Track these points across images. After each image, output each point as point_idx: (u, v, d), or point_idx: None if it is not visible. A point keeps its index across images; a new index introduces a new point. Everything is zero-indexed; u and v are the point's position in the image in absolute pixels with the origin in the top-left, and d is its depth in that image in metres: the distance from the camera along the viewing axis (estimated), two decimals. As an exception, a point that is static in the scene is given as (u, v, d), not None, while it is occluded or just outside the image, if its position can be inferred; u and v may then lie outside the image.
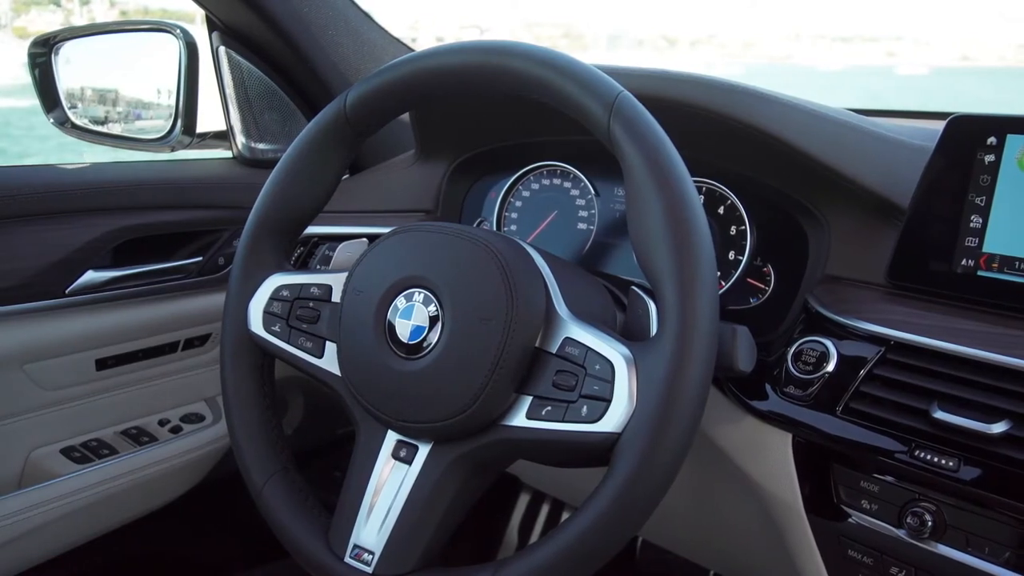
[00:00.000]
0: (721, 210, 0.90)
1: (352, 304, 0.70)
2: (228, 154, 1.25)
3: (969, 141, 0.73)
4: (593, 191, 1.00)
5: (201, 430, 1.21)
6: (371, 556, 0.67)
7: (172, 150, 1.15)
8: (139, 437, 1.15)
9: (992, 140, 0.72)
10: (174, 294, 1.13)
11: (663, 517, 1.04)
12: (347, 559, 0.68)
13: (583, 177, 1.00)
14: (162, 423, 1.18)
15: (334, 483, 0.73)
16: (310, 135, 0.78)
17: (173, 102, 1.14)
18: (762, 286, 0.88)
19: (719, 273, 0.89)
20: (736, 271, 0.88)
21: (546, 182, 1.04)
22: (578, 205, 1.01)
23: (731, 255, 0.89)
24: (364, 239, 0.96)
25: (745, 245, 0.88)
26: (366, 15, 1.28)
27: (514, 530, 1.58)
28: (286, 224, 0.80)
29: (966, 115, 0.74)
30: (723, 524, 0.96)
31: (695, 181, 0.90)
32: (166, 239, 1.13)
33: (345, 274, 0.72)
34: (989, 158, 0.72)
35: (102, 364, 1.09)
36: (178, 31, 1.12)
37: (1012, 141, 0.72)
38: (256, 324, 0.77)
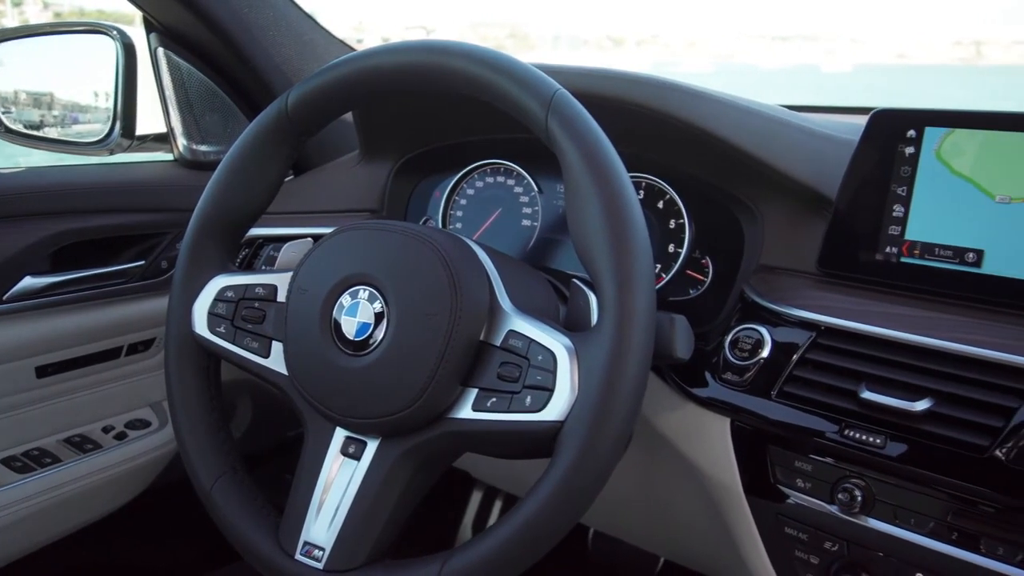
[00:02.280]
0: (660, 205, 0.93)
1: (297, 303, 0.70)
2: (169, 157, 1.24)
3: (890, 134, 0.77)
4: (536, 188, 1.01)
5: (147, 436, 1.19)
6: (322, 552, 0.67)
7: (111, 153, 1.14)
8: (83, 445, 1.13)
9: (911, 133, 0.76)
10: (116, 299, 1.12)
11: (613, 506, 1.06)
12: (298, 556, 0.68)
13: (526, 175, 1.02)
14: (106, 430, 1.16)
15: (284, 486, 0.73)
16: (252, 135, 0.78)
17: (111, 105, 1.12)
18: (701, 277, 0.90)
19: (660, 266, 0.92)
20: (676, 263, 0.91)
21: (490, 180, 1.05)
22: (522, 202, 1.03)
23: (671, 248, 0.92)
24: (309, 239, 0.97)
25: (684, 238, 0.91)
26: (308, 16, 1.28)
27: (467, 528, 1.59)
28: (229, 225, 0.80)
29: (887, 109, 0.78)
30: (669, 510, 0.99)
31: (635, 177, 0.93)
32: (106, 243, 1.11)
33: (290, 273, 0.73)
34: (909, 150, 0.76)
35: (43, 371, 1.07)
36: (115, 32, 1.11)
37: (930, 133, 0.75)
38: (201, 326, 0.77)
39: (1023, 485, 0.63)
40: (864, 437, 0.70)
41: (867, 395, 0.70)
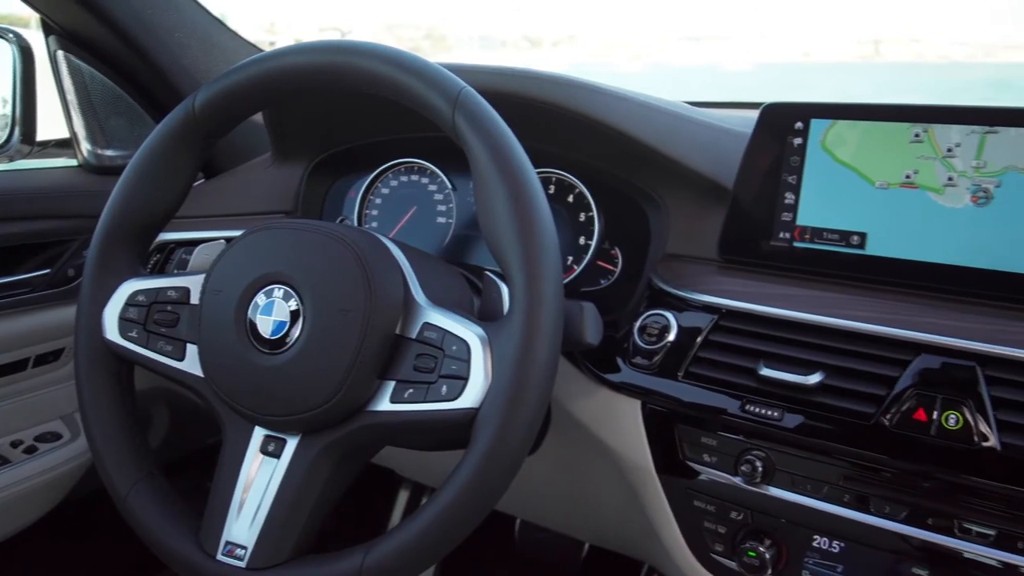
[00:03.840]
0: (570, 198, 0.96)
1: (211, 304, 0.70)
2: (74, 162, 1.21)
3: (780, 126, 0.82)
4: (450, 186, 1.03)
5: (58, 448, 1.16)
6: (244, 551, 0.68)
7: (10, 160, 1.10)
8: (-10, 461, 1.09)
9: (799, 125, 0.81)
10: (21, 309, 1.08)
11: (537, 495, 1.09)
12: (219, 556, 0.68)
13: (440, 172, 1.04)
14: (15, 444, 1.12)
15: (205, 493, 0.73)
16: (159, 138, 0.77)
17: (9, 110, 1.09)
18: (611, 268, 0.94)
19: (572, 258, 0.95)
20: (587, 255, 0.94)
21: (404, 179, 1.06)
22: (436, 200, 1.04)
23: (582, 240, 0.95)
24: (222, 241, 0.96)
25: (594, 230, 0.94)
26: (215, 18, 1.26)
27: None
28: (138, 229, 0.79)
29: (777, 103, 0.83)
30: (589, 494, 1.02)
31: (545, 172, 0.96)
32: (9, 252, 1.07)
33: (203, 276, 0.73)
34: (797, 141, 0.81)
35: (-55, 387, 1.03)
36: (11, 35, 1.08)
37: (816, 125, 0.81)
38: (112, 331, 0.76)
39: (905, 448, 0.68)
40: (763, 411, 0.74)
41: (765, 372, 0.74)
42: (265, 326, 0.68)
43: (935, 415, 0.67)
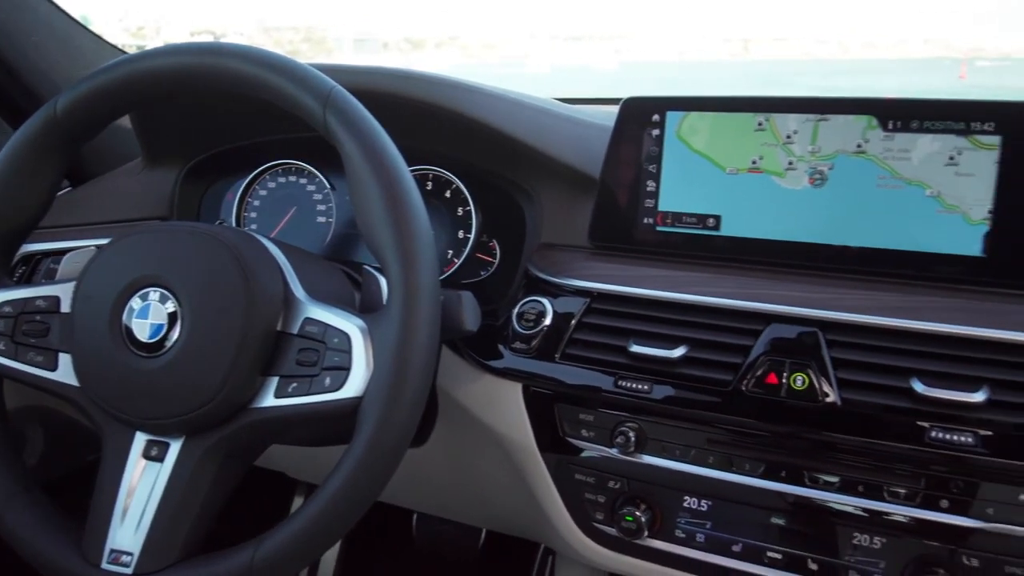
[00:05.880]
0: (448, 194, 0.99)
1: (83, 311, 0.69)
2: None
3: (639, 119, 0.87)
4: (329, 186, 1.04)
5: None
6: (130, 557, 0.67)
7: None
8: None
9: (656, 117, 0.86)
10: None
11: (431, 487, 1.11)
12: (104, 565, 0.67)
13: (318, 173, 1.04)
14: None
15: (87, 511, 0.72)
16: (18, 143, 0.75)
17: None
18: (490, 259, 0.97)
19: (452, 252, 0.98)
20: (466, 248, 0.97)
21: (283, 180, 1.07)
22: (316, 200, 1.05)
23: (461, 234, 0.98)
24: (92, 248, 0.94)
25: (472, 224, 0.97)
26: (75, 20, 1.22)
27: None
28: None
29: (635, 97, 0.88)
30: (480, 481, 1.05)
31: (421, 169, 0.98)
32: None
33: (73, 283, 0.71)
34: (655, 132, 0.87)
35: None
36: None
37: (671, 117, 0.86)
38: None
39: (760, 410, 0.75)
40: (634, 385, 0.79)
41: (635, 348, 0.79)
42: (141, 330, 0.67)
43: (784, 378, 0.74)
